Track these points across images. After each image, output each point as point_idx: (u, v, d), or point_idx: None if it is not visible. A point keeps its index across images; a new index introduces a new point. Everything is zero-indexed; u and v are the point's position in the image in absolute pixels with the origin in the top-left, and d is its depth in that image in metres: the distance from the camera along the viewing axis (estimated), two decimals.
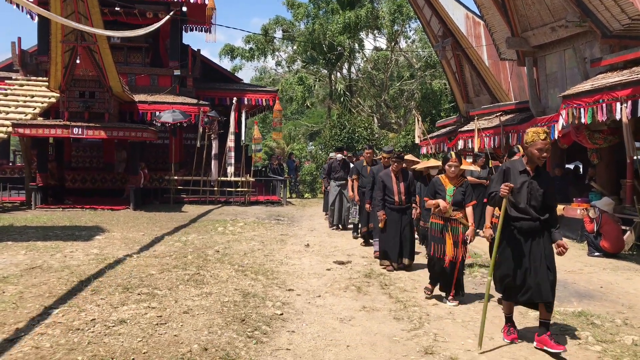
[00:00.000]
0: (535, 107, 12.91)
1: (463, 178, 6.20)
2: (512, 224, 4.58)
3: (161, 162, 19.21)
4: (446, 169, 6.09)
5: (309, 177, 25.67)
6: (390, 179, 7.71)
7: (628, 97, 8.91)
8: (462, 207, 6.05)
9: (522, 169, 4.59)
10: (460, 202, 6.04)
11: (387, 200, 7.68)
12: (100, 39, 12.99)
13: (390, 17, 30.39)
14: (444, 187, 6.10)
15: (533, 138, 4.46)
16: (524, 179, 4.56)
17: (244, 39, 34.45)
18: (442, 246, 6.00)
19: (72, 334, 4.46)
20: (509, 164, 4.78)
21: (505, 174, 4.67)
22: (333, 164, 12.13)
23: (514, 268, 4.55)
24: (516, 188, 4.55)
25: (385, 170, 8.02)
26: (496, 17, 14.15)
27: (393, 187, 7.66)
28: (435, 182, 6.21)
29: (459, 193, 6.05)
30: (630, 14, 10.21)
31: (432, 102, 31.84)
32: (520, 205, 4.53)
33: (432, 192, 6.19)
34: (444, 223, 6.05)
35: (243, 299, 5.74)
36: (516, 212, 4.57)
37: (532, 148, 4.48)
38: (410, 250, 7.66)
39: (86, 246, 8.62)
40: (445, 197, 6.03)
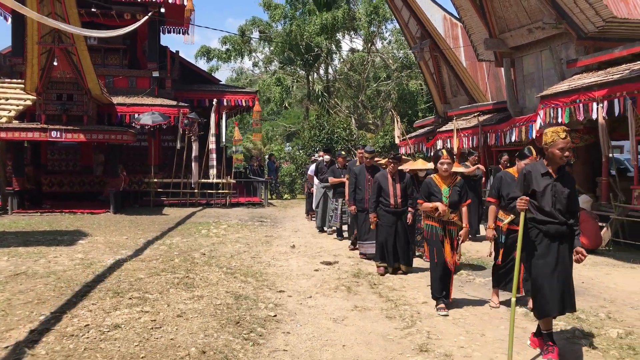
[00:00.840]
0: (513, 107, 13.16)
1: (457, 176, 5.96)
2: (537, 227, 4.33)
3: (140, 164, 18.98)
4: (438, 167, 5.82)
5: (288, 178, 25.69)
6: (386, 181, 7.41)
7: (604, 97, 9.18)
8: (459, 207, 5.81)
9: (545, 172, 4.34)
10: (457, 202, 5.77)
11: (383, 203, 7.38)
12: (78, 40, 12.81)
13: (367, 18, 30.57)
14: (439, 188, 5.80)
15: (553, 138, 4.23)
16: (547, 181, 4.32)
17: (220, 40, 34.34)
18: (442, 250, 5.74)
19: (67, 341, 4.42)
20: (529, 167, 4.50)
21: (527, 178, 4.42)
22: (319, 165, 11.95)
23: (543, 277, 4.27)
24: (540, 192, 4.31)
25: (382, 171, 7.75)
26: (474, 18, 14.38)
27: (389, 189, 7.35)
28: (429, 184, 5.87)
29: (455, 193, 5.77)
30: (604, 17, 10.50)
31: (408, 102, 32.16)
32: (546, 209, 4.28)
33: (426, 194, 5.87)
34: (442, 226, 5.78)
35: (235, 301, 5.76)
36: (542, 215, 4.32)
37: (554, 148, 4.24)
38: (407, 256, 7.42)
39: (70, 251, 8.51)
40: (441, 199, 5.74)
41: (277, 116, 41.58)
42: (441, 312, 5.55)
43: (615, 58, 10.04)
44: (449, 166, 5.75)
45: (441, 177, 5.85)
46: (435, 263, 5.76)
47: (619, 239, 9.32)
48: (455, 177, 5.91)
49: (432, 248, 5.85)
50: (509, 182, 5.66)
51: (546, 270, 4.25)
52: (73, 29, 11.58)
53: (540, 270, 4.28)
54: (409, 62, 31.04)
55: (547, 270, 4.25)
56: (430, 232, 5.86)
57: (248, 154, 29.97)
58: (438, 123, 18.63)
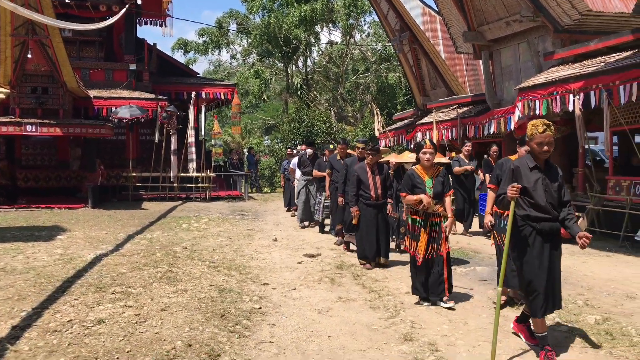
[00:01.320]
0: (491, 99, 13.32)
1: (439, 166, 5.78)
2: (531, 225, 4.17)
3: (117, 158, 18.74)
4: (421, 157, 5.62)
5: (268, 172, 25.65)
6: (365, 173, 7.27)
7: (580, 90, 9.34)
8: (442, 198, 5.64)
9: (533, 165, 4.19)
10: (441, 193, 5.60)
11: (363, 196, 7.27)
12: (52, 32, 12.58)
13: (345, 10, 30.56)
14: (421, 179, 5.60)
15: (532, 132, 4.13)
16: (536, 175, 4.18)
17: (197, 32, 34.03)
18: (418, 243, 5.57)
19: (50, 336, 4.37)
20: (517, 162, 4.34)
21: (515, 174, 4.25)
22: (302, 158, 11.73)
23: (539, 277, 4.14)
24: (531, 187, 4.15)
25: (360, 163, 7.57)
26: (453, 11, 14.49)
27: (369, 182, 7.23)
28: (411, 175, 5.67)
29: (438, 183, 5.60)
30: (580, 10, 10.67)
31: (387, 95, 32.28)
32: (540, 204, 4.12)
33: (408, 186, 5.64)
34: (423, 219, 5.58)
35: (219, 294, 5.75)
36: (536, 212, 4.15)
37: (532, 143, 4.15)
38: (386, 248, 7.35)
39: (49, 246, 8.38)
40: (425, 190, 5.54)
41: (255, 109, 41.41)
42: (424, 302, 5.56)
43: (590, 51, 10.22)
44: (431, 156, 5.56)
45: (423, 167, 5.66)
46: (412, 256, 5.67)
47: (595, 228, 9.52)
48: (438, 168, 5.74)
49: (413, 241, 5.67)
50: None
51: (542, 273, 4.12)
52: (48, 20, 11.37)
53: (537, 272, 4.13)
54: (388, 55, 31.14)
55: (543, 272, 4.13)
56: (413, 225, 5.69)
57: (227, 148, 29.83)
58: (417, 115, 18.76)
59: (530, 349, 4.35)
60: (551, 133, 4.11)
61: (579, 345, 4.39)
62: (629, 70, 8.47)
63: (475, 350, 4.34)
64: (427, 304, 5.54)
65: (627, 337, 4.58)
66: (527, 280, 4.20)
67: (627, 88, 8.39)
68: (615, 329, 4.77)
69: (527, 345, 4.42)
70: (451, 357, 4.19)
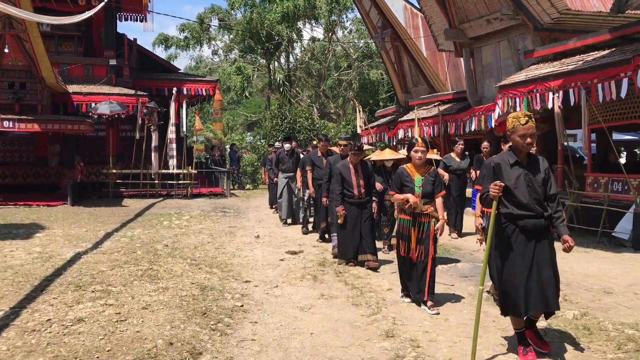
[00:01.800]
0: (472, 96, 13.43)
1: (431, 166, 5.63)
2: (515, 224, 4.04)
3: (97, 155, 18.52)
4: (412, 155, 5.45)
5: (250, 168, 25.56)
6: (348, 171, 7.19)
7: (559, 87, 9.45)
8: (433, 198, 5.45)
9: (514, 161, 4.05)
10: (431, 192, 5.40)
11: (346, 194, 7.18)
12: (30, 27, 12.35)
13: (328, 7, 30.48)
14: (411, 177, 5.44)
15: (513, 124, 3.99)
16: (517, 172, 4.03)
17: (178, 27, 33.72)
18: (407, 243, 5.45)
19: (29, 336, 4.31)
20: (497, 158, 4.20)
21: (496, 171, 4.12)
22: (281, 154, 11.43)
23: (519, 276, 4.00)
24: (512, 184, 4.00)
25: (343, 161, 7.43)
26: (434, 9, 14.56)
27: (352, 180, 7.15)
28: (400, 174, 5.51)
29: (428, 183, 5.42)
30: (559, 8, 10.79)
31: (369, 92, 32.33)
32: (522, 202, 3.98)
33: (397, 185, 5.51)
34: (412, 219, 5.43)
35: (201, 292, 5.72)
36: (518, 209, 4.01)
37: (514, 135, 4.00)
38: (370, 246, 7.15)
39: (27, 244, 8.26)
40: (413, 189, 5.38)
41: (237, 105, 41.24)
42: (405, 299, 5.60)
43: (569, 49, 10.33)
44: (423, 154, 5.38)
45: (415, 166, 5.48)
46: (403, 257, 5.52)
47: (574, 224, 9.66)
48: (429, 167, 5.57)
49: (401, 241, 5.54)
50: None
51: (523, 271, 3.98)
52: (25, 14, 11.16)
53: (517, 270, 4.00)
54: (370, 52, 31.17)
55: (524, 270, 3.98)
56: (401, 226, 5.56)
57: (209, 144, 29.65)
58: (399, 112, 18.82)
59: (508, 344, 4.40)
60: (533, 124, 3.97)
61: (557, 340, 4.46)
62: (606, 69, 8.58)
63: (456, 346, 4.38)
64: (409, 300, 5.57)
65: (605, 331, 4.66)
66: (505, 279, 4.08)
67: (605, 86, 8.51)
68: (592, 324, 4.85)
69: (505, 340, 4.47)
70: (432, 353, 4.22)
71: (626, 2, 8.15)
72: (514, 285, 4.02)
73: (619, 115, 9.44)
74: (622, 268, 7.15)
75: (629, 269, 7.10)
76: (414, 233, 5.40)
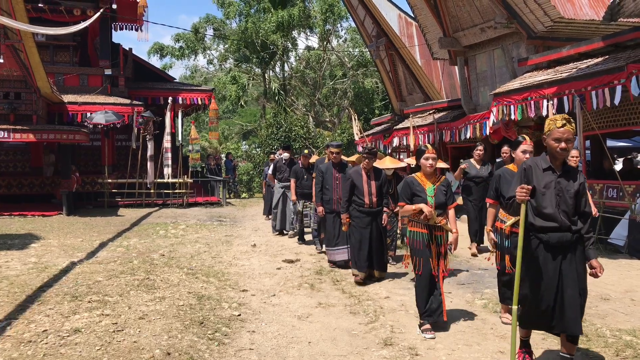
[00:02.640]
0: (467, 104, 13.48)
1: (442, 175, 5.26)
2: (537, 236, 3.71)
3: (92, 165, 18.51)
4: (422, 163, 5.05)
5: (246, 177, 25.55)
6: (360, 178, 6.78)
7: (554, 95, 9.51)
8: (445, 210, 5.07)
9: (547, 166, 3.73)
10: (444, 203, 5.04)
11: (356, 202, 6.76)
12: (25, 37, 12.34)
13: (322, 16, 30.65)
14: (422, 187, 5.04)
15: (549, 127, 3.68)
16: (549, 178, 3.71)
17: (174, 37, 33.83)
18: (425, 259, 4.98)
19: (25, 347, 4.28)
20: (529, 161, 3.87)
21: (526, 174, 3.78)
22: (278, 164, 11.08)
23: (537, 291, 3.71)
24: (540, 190, 3.68)
25: (355, 167, 7.12)
26: (429, 17, 14.64)
27: (363, 187, 6.73)
28: (410, 183, 5.10)
29: (441, 192, 5.05)
30: (552, 17, 10.88)
31: (364, 100, 32.46)
32: (547, 211, 3.65)
33: (407, 194, 5.07)
34: (428, 232, 4.99)
35: (198, 301, 5.70)
36: (542, 220, 3.68)
37: (549, 139, 3.68)
38: (381, 261, 6.82)
39: (22, 255, 8.22)
40: (426, 199, 4.98)
41: (233, 114, 41.25)
42: (427, 334, 4.78)
43: (563, 57, 10.41)
44: (434, 161, 5.02)
45: (425, 174, 5.09)
46: (420, 275, 5.02)
47: None
48: (440, 176, 5.20)
49: (417, 258, 5.03)
50: (508, 180, 4.85)
51: (548, 293, 3.68)
52: (20, 25, 11.17)
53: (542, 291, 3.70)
54: (365, 60, 31.30)
55: (549, 293, 3.68)
56: (414, 240, 5.08)
57: (204, 153, 29.64)
58: (394, 120, 18.87)
59: (507, 351, 4.39)
60: (571, 129, 3.64)
61: (556, 347, 4.45)
62: (600, 76, 8.65)
63: (454, 354, 4.37)
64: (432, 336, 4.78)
65: (602, 338, 4.67)
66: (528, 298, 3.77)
67: (599, 93, 8.57)
68: (590, 331, 4.85)
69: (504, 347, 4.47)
70: None
71: (618, 11, 8.22)
72: (536, 305, 3.73)
73: (613, 122, 9.50)
74: (619, 274, 7.17)
75: (625, 275, 7.12)
76: (434, 248, 5.00)
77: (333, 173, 7.99)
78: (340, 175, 7.86)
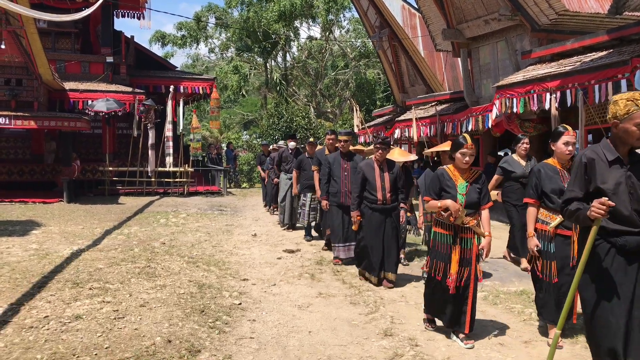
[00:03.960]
0: (470, 97, 13.44)
1: (477, 171, 4.62)
2: (610, 242, 3.05)
3: (93, 152, 18.50)
4: (457, 157, 4.44)
5: (247, 167, 25.54)
6: (372, 172, 6.16)
7: (557, 88, 9.47)
8: (477, 209, 4.50)
9: (614, 158, 3.07)
10: (476, 202, 4.45)
11: (368, 198, 6.16)
12: (27, 23, 12.27)
13: (325, 6, 30.50)
14: (453, 182, 4.46)
15: (628, 108, 3.00)
16: (617, 173, 3.05)
17: (176, 25, 33.74)
18: (446, 265, 4.44)
19: (26, 333, 4.30)
20: (591, 153, 3.17)
21: (588, 169, 3.13)
22: (284, 154, 10.50)
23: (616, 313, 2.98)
24: (610, 189, 3.04)
25: (367, 160, 6.59)
26: (432, 9, 14.58)
27: (376, 182, 6.12)
28: (440, 176, 4.53)
29: (474, 191, 4.46)
30: (557, 9, 10.82)
31: (366, 91, 32.39)
32: (624, 213, 3.00)
33: (436, 189, 4.52)
34: (453, 234, 4.45)
35: (199, 290, 5.71)
36: (616, 223, 3.03)
37: (628, 124, 3.00)
38: (394, 262, 6.22)
39: (23, 241, 8.23)
40: (455, 196, 4.42)
41: (234, 104, 41.18)
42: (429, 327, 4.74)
43: (567, 50, 10.36)
44: (470, 158, 4.41)
45: (458, 168, 4.52)
46: (432, 277, 4.57)
47: None
48: (476, 171, 4.57)
49: (437, 262, 4.52)
50: (550, 176, 4.42)
51: (620, 306, 2.99)
52: (22, 9, 11.10)
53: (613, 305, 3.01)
54: (367, 51, 31.20)
55: (622, 305, 2.99)
56: (436, 242, 4.58)
57: (205, 142, 29.62)
58: (396, 112, 18.85)
59: (507, 344, 4.41)
60: None
61: None
62: (603, 70, 8.61)
63: (454, 345, 4.39)
64: (434, 328, 4.74)
65: None
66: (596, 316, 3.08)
67: (602, 87, 8.54)
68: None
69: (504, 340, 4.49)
70: (431, 352, 4.23)
71: (624, 4, 8.17)
72: (608, 325, 3.02)
73: None
74: None
75: None
76: (456, 252, 4.44)
77: (341, 163, 7.34)
78: (348, 165, 7.30)
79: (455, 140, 4.53)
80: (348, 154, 7.47)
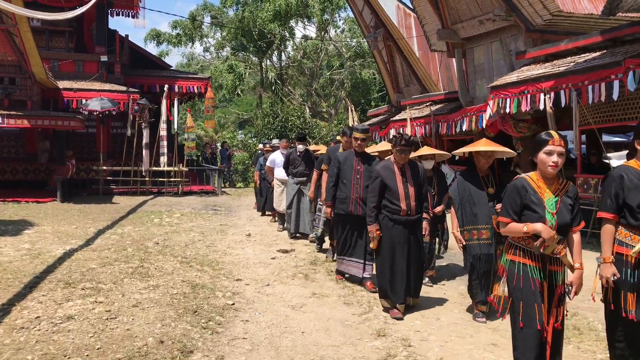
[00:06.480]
0: (464, 97, 13.46)
1: (566, 180, 3.48)
2: None
3: (87, 151, 18.42)
4: (542, 159, 3.32)
5: (241, 167, 25.50)
6: (393, 176, 5.18)
7: (551, 89, 9.50)
8: (567, 233, 3.42)
9: None
10: (569, 224, 3.38)
11: (389, 208, 5.17)
12: (20, 21, 12.19)
13: (320, 6, 30.50)
14: (539, 196, 3.35)
15: None
16: None
17: (171, 24, 33.66)
18: (538, 307, 3.31)
19: (17, 333, 4.27)
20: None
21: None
22: (292, 155, 9.37)
23: None
24: None
25: (385, 162, 5.46)
26: (427, 9, 14.60)
27: (398, 189, 5.14)
28: (520, 188, 3.40)
29: (565, 208, 3.36)
30: (551, 10, 10.85)
31: (361, 91, 32.41)
32: None
33: (516, 206, 3.40)
34: (541, 266, 3.37)
35: (192, 290, 5.69)
36: None
37: None
38: (418, 286, 5.36)
39: (15, 241, 8.18)
40: (544, 216, 3.31)
41: (229, 103, 41.12)
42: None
43: (561, 51, 10.39)
44: (560, 158, 3.28)
45: (543, 178, 3.39)
46: (522, 328, 3.33)
47: None
48: (565, 181, 3.45)
49: (521, 303, 3.35)
50: (637, 184, 3.37)
51: None
52: (15, 8, 11.04)
53: None
54: (362, 51, 31.22)
55: None
56: (518, 275, 3.40)
57: (200, 142, 29.55)
58: (391, 112, 18.86)
59: (500, 343, 4.41)
60: None
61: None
62: (597, 71, 8.64)
63: (447, 346, 4.39)
64: None
65: (594, 331, 4.70)
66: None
67: (596, 88, 8.57)
68: (582, 324, 4.88)
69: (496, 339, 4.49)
70: (424, 352, 4.23)
71: (617, 5, 8.19)
72: None
73: (609, 117, 9.52)
74: None
75: None
76: (546, 289, 3.37)
77: (354, 164, 6.20)
78: (363, 167, 6.15)
79: (537, 137, 3.42)
80: (364, 154, 6.32)
